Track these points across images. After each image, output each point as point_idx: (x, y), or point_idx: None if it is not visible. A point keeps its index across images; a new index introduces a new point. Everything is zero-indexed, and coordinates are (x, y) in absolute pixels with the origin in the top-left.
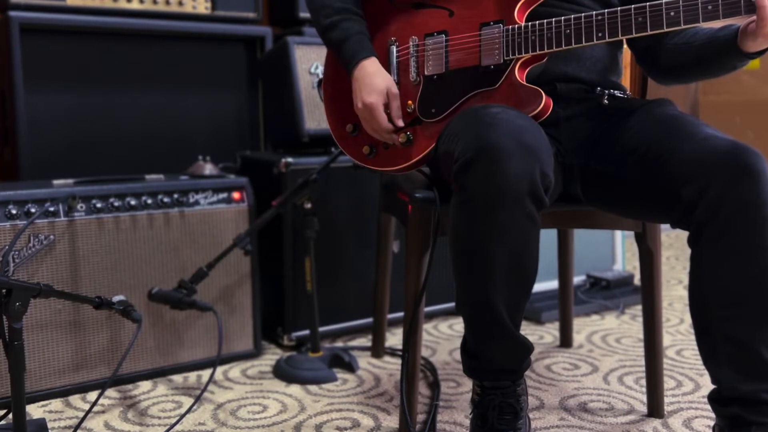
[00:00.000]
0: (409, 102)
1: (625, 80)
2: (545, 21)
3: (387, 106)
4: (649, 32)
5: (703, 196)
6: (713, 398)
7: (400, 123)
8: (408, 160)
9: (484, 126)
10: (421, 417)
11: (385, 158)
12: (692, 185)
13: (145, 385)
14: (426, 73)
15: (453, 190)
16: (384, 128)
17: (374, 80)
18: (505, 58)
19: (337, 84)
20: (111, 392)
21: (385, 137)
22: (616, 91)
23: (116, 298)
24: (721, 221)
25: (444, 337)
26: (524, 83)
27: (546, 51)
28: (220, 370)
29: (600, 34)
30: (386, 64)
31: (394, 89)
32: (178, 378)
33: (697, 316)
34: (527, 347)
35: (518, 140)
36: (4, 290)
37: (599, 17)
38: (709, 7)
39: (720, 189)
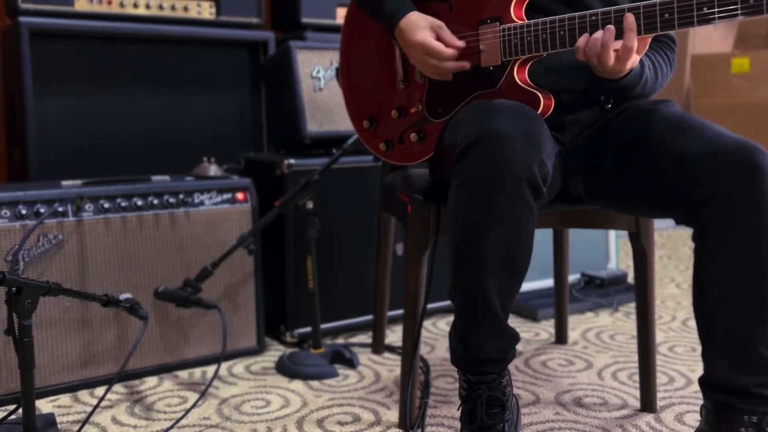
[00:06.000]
0: (417, 102)
1: None
2: (540, 20)
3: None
4: (643, 35)
5: (713, 196)
6: (703, 382)
7: (460, 43)
8: (422, 156)
9: (488, 113)
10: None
11: (401, 154)
12: (702, 184)
13: (151, 381)
14: None
15: (453, 176)
16: (445, 56)
17: (418, 21)
18: (503, 59)
19: (351, 76)
20: (118, 387)
21: (452, 67)
22: (618, 96)
23: (123, 296)
24: (728, 220)
25: (442, 334)
26: (524, 86)
27: (542, 53)
28: (224, 366)
29: None
30: (393, 61)
31: (438, 21)
32: (183, 374)
33: (699, 309)
34: (514, 337)
35: (521, 128)
36: (14, 288)
37: (593, 17)
38: (705, 9)
39: (729, 189)
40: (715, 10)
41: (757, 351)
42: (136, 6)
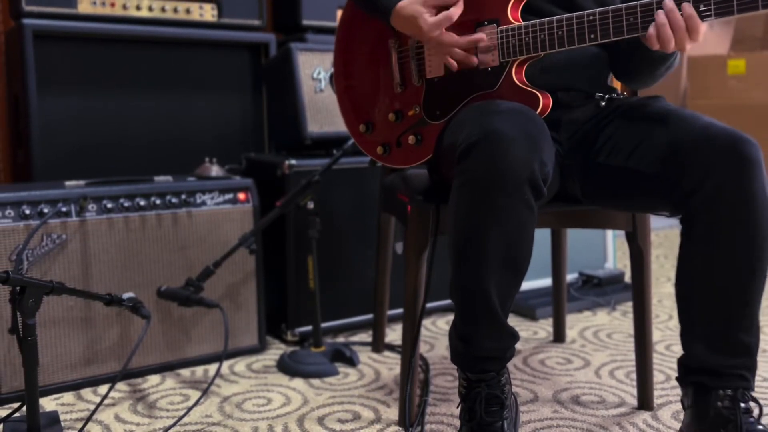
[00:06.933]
0: (414, 105)
1: (615, 82)
2: (538, 21)
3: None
4: (641, 33)
5: (702, 185)
6: (682, 362)
7: (458, 9)
8: (420, 158)
9: (489, 114)
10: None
11: (398, 156)
12: (691, 172)
13: (153, 379)
14: (428, 76)
15: (455, 176)
16: (454, 24)
17: (413, 6)
18: (502, 60)
19: (346, 81)
20: (121, 386)
21: (466, 43)
22: (612, 94)
23: (126, 296)
24: (715, 211)
25: (442, 332)
26: (522, 85)
27: (540, 53)
28: (226, 364)
29: (592, 36)
30: (389, 65)
31: None
32: (185, 372)
33: (681, 293)
34: (513, 336)
35: (522, 128)
36: (18, 288)
37: (591, 17)
38: (701, 7)
39: (718, 180)
40: (711, 7)
41: (735, 336)
42: (138, 8)
